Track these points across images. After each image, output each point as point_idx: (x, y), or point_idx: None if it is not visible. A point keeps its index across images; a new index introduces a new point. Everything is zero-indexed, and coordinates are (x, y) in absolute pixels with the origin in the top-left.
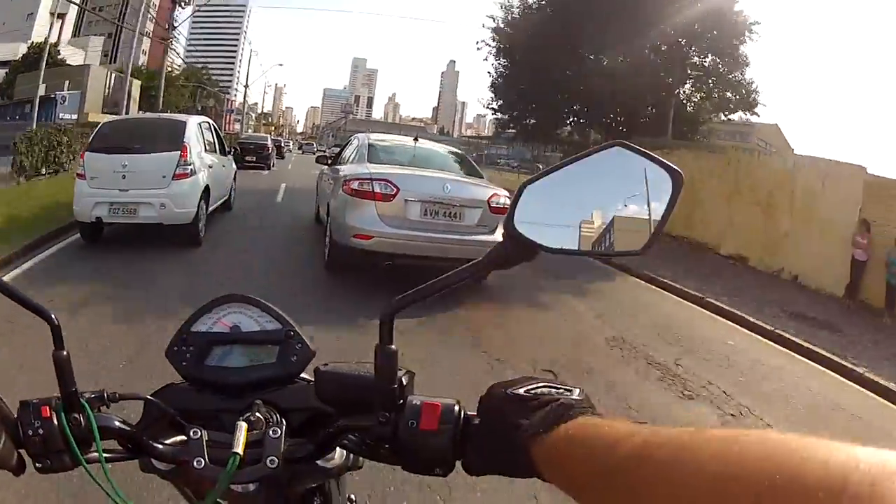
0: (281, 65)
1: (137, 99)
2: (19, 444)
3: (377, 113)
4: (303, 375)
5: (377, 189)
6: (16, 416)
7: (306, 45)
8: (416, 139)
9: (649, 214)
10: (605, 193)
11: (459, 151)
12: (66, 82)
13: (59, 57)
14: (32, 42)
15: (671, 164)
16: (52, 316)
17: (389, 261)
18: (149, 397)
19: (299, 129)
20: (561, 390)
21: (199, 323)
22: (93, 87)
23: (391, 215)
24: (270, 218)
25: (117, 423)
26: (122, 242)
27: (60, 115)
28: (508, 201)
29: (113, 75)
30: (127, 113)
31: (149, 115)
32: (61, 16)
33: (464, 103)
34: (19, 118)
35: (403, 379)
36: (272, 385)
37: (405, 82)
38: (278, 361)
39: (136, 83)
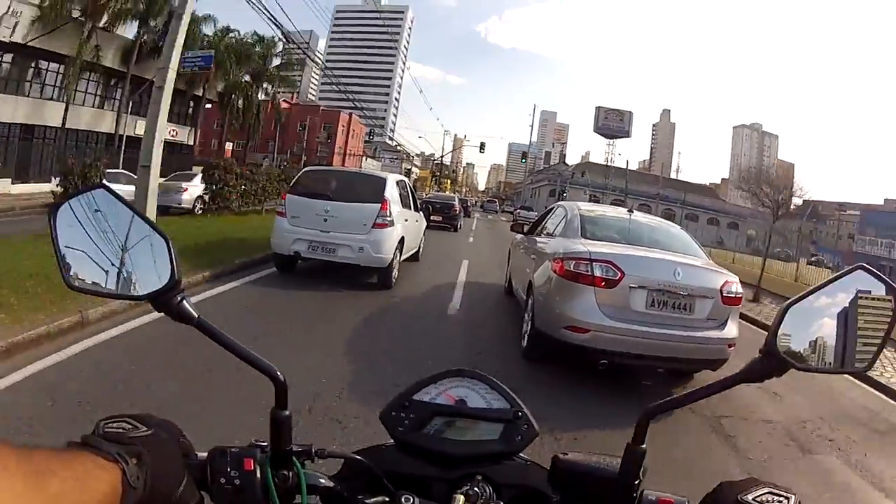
0: (466, 137)
1: None
2: (203, 487)
3: None
4: (521, 454)
5: (597, 272)
6: (206, 459)
7: (487, 95)
8: (630, 211)
9: (876, 333)
10: (842, 313)
11: (676, 226)
12: None
13: None
14: None
15: (893, 284)
16: (279, 375)
17: (605, 360)
18: (355, 456)
19: (481, 186)
20: (782, 499)
21: (422, 392)
22: None
23: (612, 305)
24: (453, 277)
25: (323, 481)
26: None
27: None
28: (741, 289)
29: None
30: None
31: (349, 168)
32: None
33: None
34: None
35: (641, 474)
36: (489, 460)
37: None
38: (501, 438)
39: None
